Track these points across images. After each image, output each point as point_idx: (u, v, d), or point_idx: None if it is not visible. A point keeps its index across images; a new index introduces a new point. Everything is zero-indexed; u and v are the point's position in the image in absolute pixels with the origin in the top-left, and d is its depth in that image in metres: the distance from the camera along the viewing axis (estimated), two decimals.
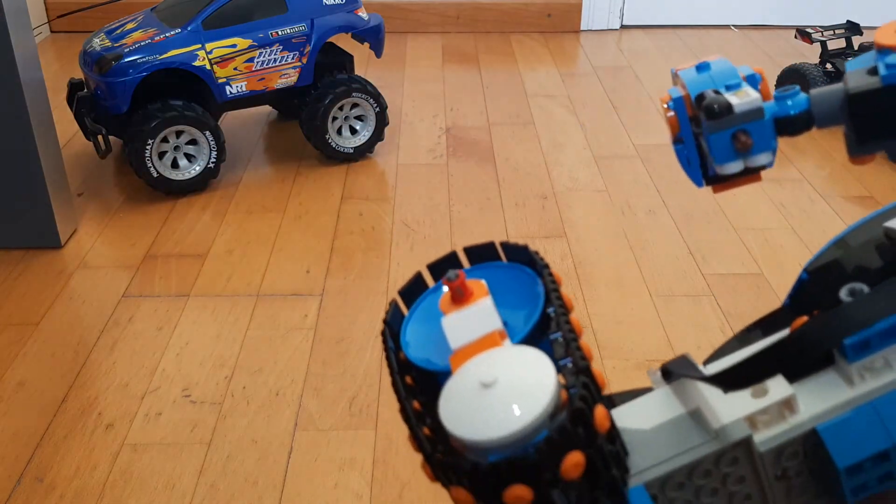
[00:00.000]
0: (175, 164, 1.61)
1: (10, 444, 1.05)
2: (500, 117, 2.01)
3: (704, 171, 0.33)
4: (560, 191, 1.65)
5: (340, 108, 1.71)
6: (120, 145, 1.67)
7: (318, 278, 1.39)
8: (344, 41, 1.84)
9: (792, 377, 0.28)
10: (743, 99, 0.30)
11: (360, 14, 1.72)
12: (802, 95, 0.30)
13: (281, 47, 1.62)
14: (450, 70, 2.33)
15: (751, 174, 0.32)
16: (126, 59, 1.52)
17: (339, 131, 1.73)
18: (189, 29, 1.56)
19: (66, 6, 2.41)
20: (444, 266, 0.32)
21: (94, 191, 1.66)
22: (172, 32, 1.56)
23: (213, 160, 1.62)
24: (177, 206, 1.61)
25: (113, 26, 1.65)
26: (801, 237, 1.53)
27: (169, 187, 1.61)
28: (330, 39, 1.71)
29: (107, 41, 1.59)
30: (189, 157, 1.62)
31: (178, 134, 1.58)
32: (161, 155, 1.59)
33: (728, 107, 0.31)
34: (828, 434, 0.27)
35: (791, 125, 0.31)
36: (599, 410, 0.26)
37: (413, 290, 0.32)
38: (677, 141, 0.32)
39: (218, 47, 1.57)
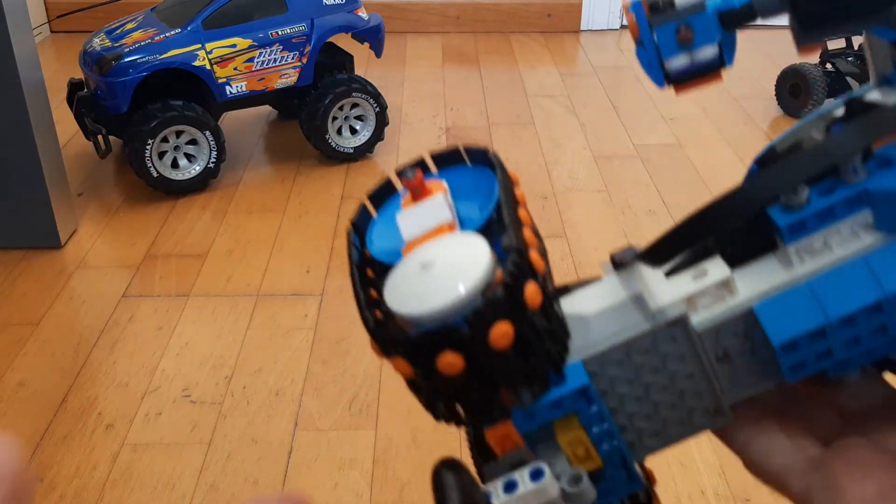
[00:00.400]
0: (175, 164, 1.61)
1: None
2: (500, 117, 2.01)
3: (666, 74, 0.34)
4: (560, 191, 1.65)
5: (340, 108, 1.71)
6: (120, 145, 1.67)
7: (318, 278, 1.38)
8: (344, 41, 1.84)
9: (730, 257, 0.29)
10: None
11: (360, 14, 1.72)
12: None
13: (281, 47, 1.62)
14: (450, 70, 2.33)
15: (706, 73, 0.34)
16: (126, 59, 1.52)
17: (339, 131, 1.73)
18: (189, 29, 1.56)
19: (66, 6, 2.41)
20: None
21: (94, 191, 1.66)
22: (172, 32, 1.56)
23: (213, 160, 1.62)
24: (177, 206, 1.61)
25: (113, 26, 1.65)
26: None
27: (169, 187, 1.61)
28: (330, 39, 1.71)
29: (107, 41, 1.59)
30: (189, 157, 1.62)
31: (178, 134, 1.58)
32: (161, 155, 1.59)
33: (670, 2, 0.33)
34: (763, 312, 0.27)
35: (735, 17, 0.33)
36: (530, 286, 0.27)
37: (381, 195, 0.34)
38: (638, 44, 0.34)
39: (218, 47, 1.57)
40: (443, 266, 0.28)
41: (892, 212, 0.27)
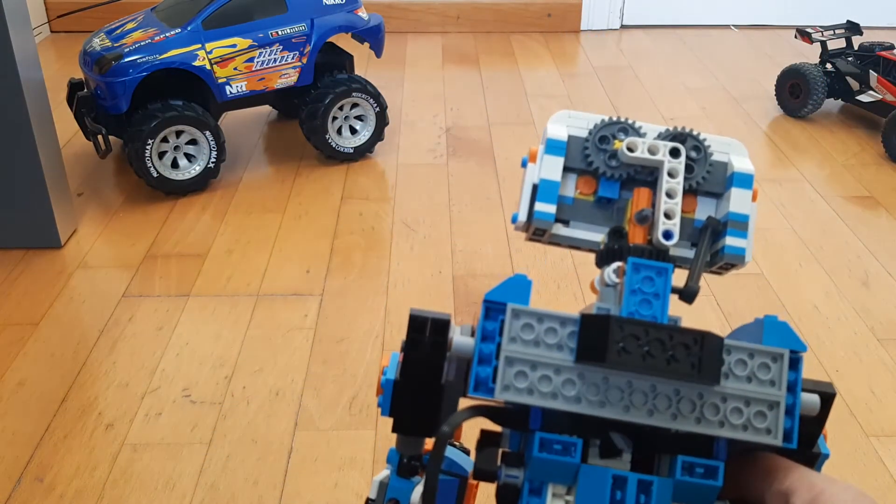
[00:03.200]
0: (175, 164, 1.61)
1: (10, 444, 1.05)
2: (500, 117, 2.01)
3: None
4: None
5: (340, 108, 1.71)
6: (120, 145, 1.67)
7: (318, 278, 1.38)
8: (344, 41, 1.84)
9: None
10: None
11: (360, 14, 1.72)
12: None
13: (281, 47, 1.62)
14: (450, 70, 2.33)
15: None
16: (126, 59, 1.52)
17: (339, 131, 1.73)
18: (189, 29, 1.56)
19: (66, 6, 2.41)
20: None
21: (94, 191, 1.66)
22: (172, 32, 1.56)
23: (213, 160, 1.62)
24: (177, 206, 1.61)
25: (113, 26, 1.65)
26: (801, 237, 1.53)
27: (169, 187, 1.61)
28: (330, 39, 1.71)
29: (107, 41, 1.59)
30: (189, 157, 1.62)
31: (178, 134, 1.58)
32: (161, 155, 1.59)
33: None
34: None
35: None
36: None
37: None
38: None
39: (218, 47, 1.57)
40: None
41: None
